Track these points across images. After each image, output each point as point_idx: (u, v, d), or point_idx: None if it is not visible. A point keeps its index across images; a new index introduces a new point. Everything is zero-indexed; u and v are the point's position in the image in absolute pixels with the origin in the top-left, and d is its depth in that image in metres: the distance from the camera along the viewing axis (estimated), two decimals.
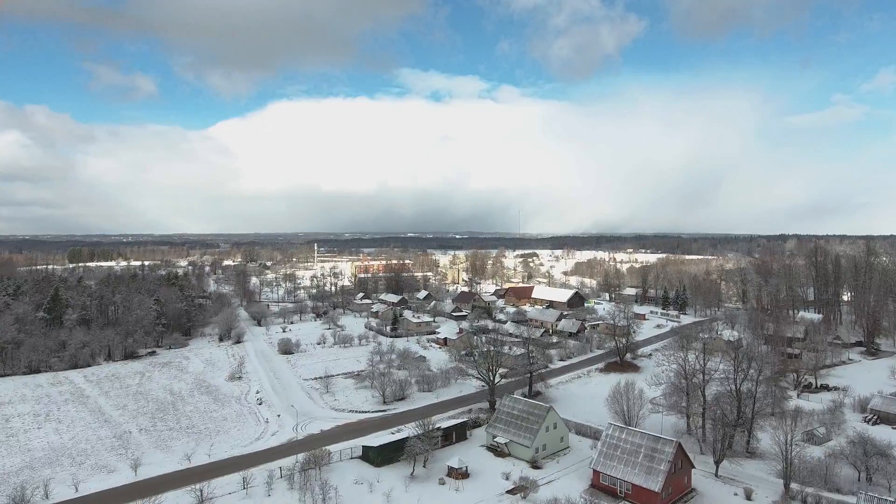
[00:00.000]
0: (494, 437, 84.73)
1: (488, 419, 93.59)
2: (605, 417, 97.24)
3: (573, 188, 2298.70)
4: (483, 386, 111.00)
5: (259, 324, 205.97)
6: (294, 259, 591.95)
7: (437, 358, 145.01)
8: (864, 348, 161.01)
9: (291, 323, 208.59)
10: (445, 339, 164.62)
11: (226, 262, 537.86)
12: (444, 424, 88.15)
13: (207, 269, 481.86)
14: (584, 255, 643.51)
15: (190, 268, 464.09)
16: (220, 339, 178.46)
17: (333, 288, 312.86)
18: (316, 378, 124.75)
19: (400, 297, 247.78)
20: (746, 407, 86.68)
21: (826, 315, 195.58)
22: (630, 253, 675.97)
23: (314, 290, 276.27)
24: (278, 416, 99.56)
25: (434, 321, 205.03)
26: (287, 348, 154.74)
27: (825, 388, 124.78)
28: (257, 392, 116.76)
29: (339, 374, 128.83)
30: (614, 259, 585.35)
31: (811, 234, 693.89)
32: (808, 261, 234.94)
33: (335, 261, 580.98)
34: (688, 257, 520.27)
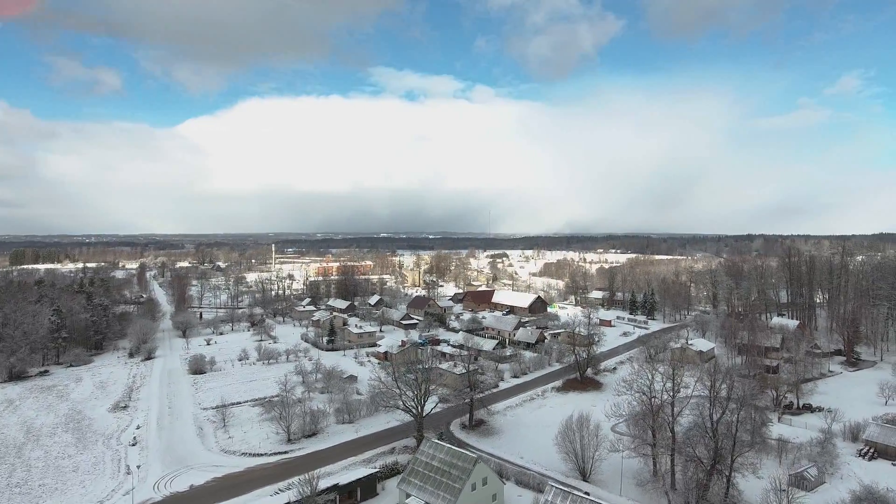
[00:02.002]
0: (409, 495, 65.74)
1: (410, 464, 74.73)
2: (555, 459, 79.45)
3: (547, 189, 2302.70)
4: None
5: (184, 335, 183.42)
6: (253, 261, 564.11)
7: (374, 377, 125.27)
8: (845, 358, 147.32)
9: (221, 334, 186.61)
10: (386, 352, 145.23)
11: (179, 264, 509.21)
12: (346, 478, 68.77)
13: (154, 272, 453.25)
14: (555, 256, 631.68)
15: (136, 270, 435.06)
16: (131, 355, 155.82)
17: (283, 292, 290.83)
18: (218, 406, 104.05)
19: (348, 304, 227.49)
20: (724, 447, 69.81)
21: (802, 321, 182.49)
22: (600, 253, 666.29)
23: (258, 295, 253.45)
24: (138, 466, 78.49)
25: (380, 330, 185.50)
26: (199, 367, 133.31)
27: (808, 408, 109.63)
28: (137, 427, 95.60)
29: (246, 402, 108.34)
30: (584, 259, 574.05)
31: (777, 233, 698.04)
32: (781, 262, 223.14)
33: (297, 262, 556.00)
34: (657, 257, 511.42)
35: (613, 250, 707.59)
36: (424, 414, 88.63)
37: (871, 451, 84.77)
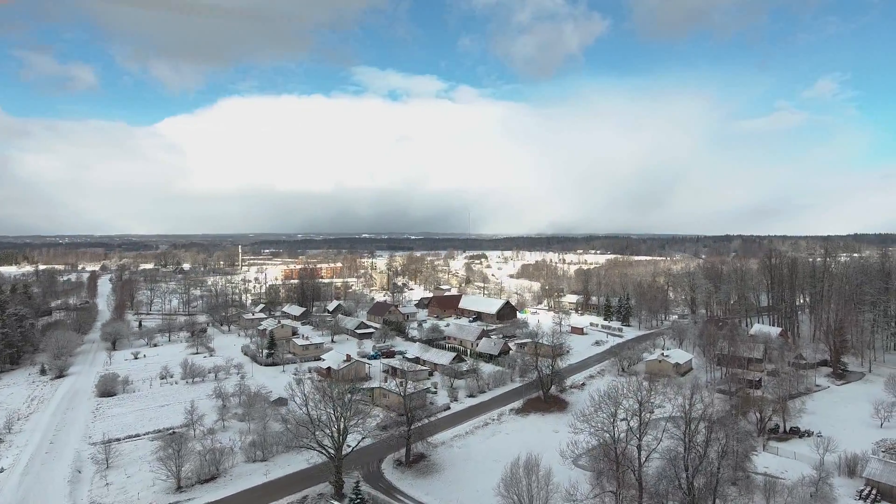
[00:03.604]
0: None
1: None
2: None
3: (530, 189, 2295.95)
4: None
5: (114, 347, 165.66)
6: (221, 263, 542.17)
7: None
8: (831, 369, 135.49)
9: (155, 346, 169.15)
10: (329, 368, 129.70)
11: (143, 266, 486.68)
12: None
13: (111, 275, 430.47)
14: (534, 257, 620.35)
15: (89, 273, 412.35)
16: (42, 372, 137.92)
17: (240, 297, 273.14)
18: (112, 440, 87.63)
19: (303, 310, 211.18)
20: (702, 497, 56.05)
21: (784, 327, 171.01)
22: (580, 254, 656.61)
23: (204, 302, 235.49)
24: None
25: (332, 341, 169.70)
26: (109, 388, 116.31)
27: (796, 432, 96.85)
28: (0, 471, 78.81)
29: (147, 434, 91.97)
30: (563, 260, 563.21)
31: (755, 234, 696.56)
32: (762, 264, 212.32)
33: (269, 264, 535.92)
34: (636, 258, 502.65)
35: (593, 251, 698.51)
36: (347, 452, 73.39)
37: (873, 492, 71.76)
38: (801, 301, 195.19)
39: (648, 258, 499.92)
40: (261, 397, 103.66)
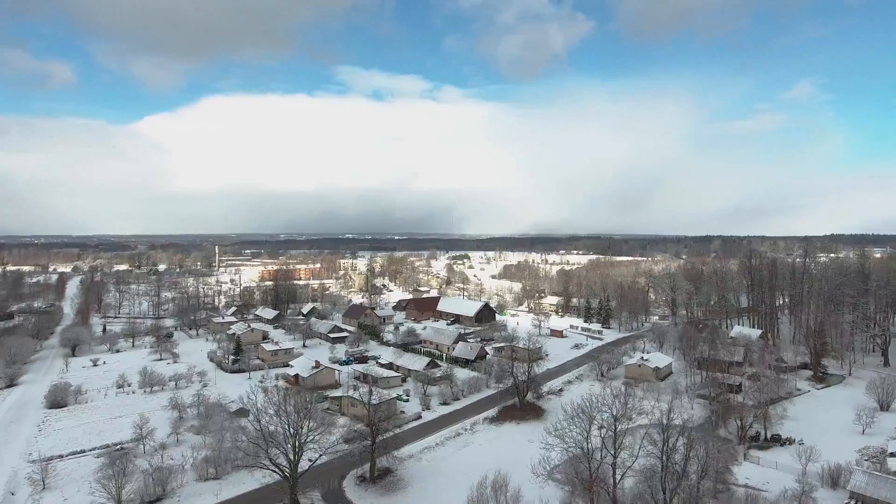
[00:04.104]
0: None
1: None
2: None
3: (515, 189, 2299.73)
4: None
5: (73, 353, 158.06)
6: (198, 264, 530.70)
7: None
8: (812, 372, 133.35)
9: (117, 351, 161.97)
10: (296, 375, 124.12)
11: (117, 267, 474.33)
12: None
13: (82, 277, 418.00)
14: (517, 257, 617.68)
15: (57, 275, 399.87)
16: None
17: (212, 300, 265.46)
18: (53, 458, 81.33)
19: (276, 313, 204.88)
20: None
21: (764, 329, 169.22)
22: (562, 254, 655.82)
23: (175, 305, 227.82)
24: None
25: (304, 345, 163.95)
26: (60, 398, 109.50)
27: (777, 439, 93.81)
28: None
29: (93, 450, 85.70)
30: (546, 261, 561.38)
31: (735, 234, 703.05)
32: (742, 265, 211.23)
33: (248, 265, 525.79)
34: (618, 259, 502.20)
35: (576, 251, 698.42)
36: (304, 470, 68.22)
37: None
38: (781, 302, 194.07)
39: (630, 258, 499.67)
40: (220, 408, 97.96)
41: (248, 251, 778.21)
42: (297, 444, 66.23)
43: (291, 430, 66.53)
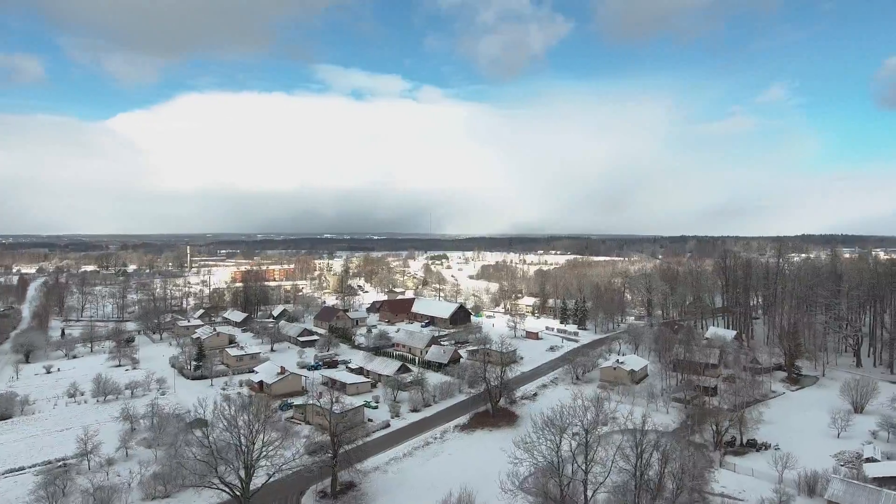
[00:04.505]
0: None
1: None
2: None
3: (494, 190, 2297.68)
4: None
5: (27, 359, 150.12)
6: (169, 265, 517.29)
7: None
8: (786, 374, 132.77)
9: (74, 357, 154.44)
10: (261, 382, 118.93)
11: (85, 268, 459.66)
12: None
13: (45, 278, 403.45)
14: (495, 258, 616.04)
15: (21, 277, 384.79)
16: None
17: (182, 302, 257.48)
18: None
19: (245, 316, 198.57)
20: None
21: (739, 330, 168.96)
22: (540, 255, 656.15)
23: (140, 307, 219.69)
24: None
25: (272, 350, 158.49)
26: (4, 409, 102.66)
27: (752, 444, 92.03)
28: None
29: (33, 466, 79.79)
30: (524, 261, 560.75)
31: (709, 235, 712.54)
32: (717, 266, 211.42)
33: (221, 265, 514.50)
34: (595, 259, 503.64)
35: (554, 251, 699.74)
36: (257, 488, 63.60)
37: None
38: (755, 302, 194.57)
39: (607, 259, 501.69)
40: (176, 418, 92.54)
41: (223, 251, 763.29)
42: (248, 461, 61.53)
43: (243, 445, 61.81)
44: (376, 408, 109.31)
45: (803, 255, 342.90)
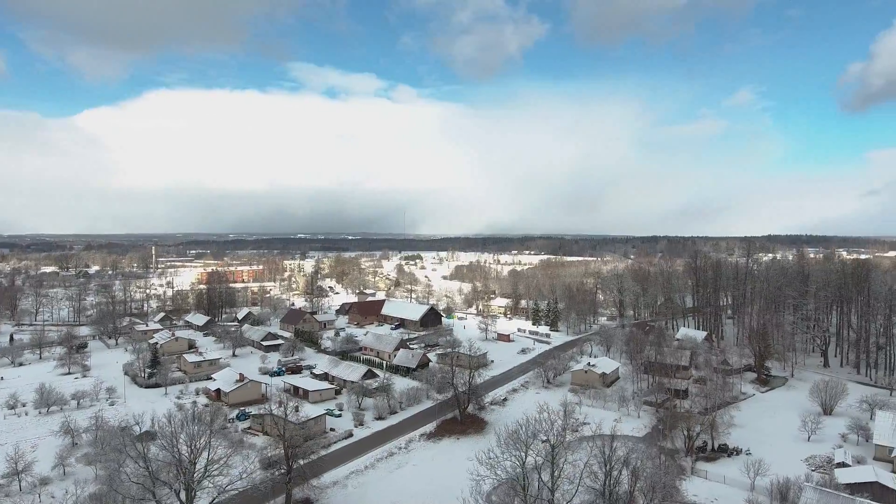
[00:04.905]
0: None
1: None
2: None
3: (469, 190, 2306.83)
4: None
5: None
6: (134, 266, 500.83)
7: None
8: (756, 374, 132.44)
9: (20, 365, 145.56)
10: (218, 390, 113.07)
11: (44, 269, 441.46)
12: None
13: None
14: (469, 258, 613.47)
15: None
16: None
17: (144, 305, 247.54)
18: None
19: (207, 319, 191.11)
20: None
21: (709, 331, 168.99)
22: (514, 255, 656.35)
23: (97, 311, 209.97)
24: None
25: (234, 354, 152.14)
26: None
27: (724, 449, 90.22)
28: None
29: None
30: (497, 261, 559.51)
31: (680, 235, 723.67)
32: (687, 266, 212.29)
33: (189, 266, 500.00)
34: (568, 259, 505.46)
35: (528, 252, 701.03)
36: None
37: None
38: (725, 302, 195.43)
39: (580, 259, 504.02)
40: (124, 431, 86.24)
41: (192, 252, 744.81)
42: (189, 482, 56.51)
43: (184, 464, 56.76)
44: (340, 416, 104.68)
45: (770, 255, 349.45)
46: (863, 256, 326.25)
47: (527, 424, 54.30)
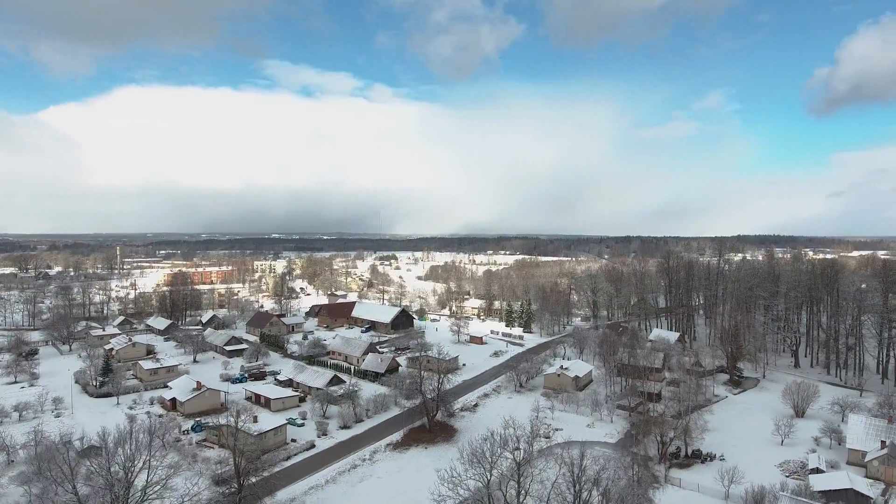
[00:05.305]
0: None
1: None
2: None
3: (446, 190, 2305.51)
4: None
5: None
6: (98, 266, 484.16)
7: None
8: (728, 376, 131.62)
9: None
10: (174, 399, 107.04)
11: (2, 271, 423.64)
12: None
13: None
14: (445, 258, 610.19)
15: None
16: None
17: (104, 308, 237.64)
18: None
19: (169, 323, 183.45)
20: None
21: (682, 331, 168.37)
22: (490, 255, 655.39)
23: (53, 314, 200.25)
24: None
25: (195, 360, 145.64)
26: None
27: (698, 455, 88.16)
28: None
29: None
30: (473, 261, 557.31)
31: (653, 235, 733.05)
32: (660, 266, 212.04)
33: (156, 267, 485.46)
34: (544, 259, 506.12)
35: (503, 251, 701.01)
36: None
37: None
38: (697, 302, 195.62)
39: (555, 259, 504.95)
40: (67, 447, 79.98)
41: (162, 252, 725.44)
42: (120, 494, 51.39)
43: (116, 489, 51.62)
44: (302, 425, 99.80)
45: (740, 255, 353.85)
46: (828, 256, 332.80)
47: (492, 440, 50.64)
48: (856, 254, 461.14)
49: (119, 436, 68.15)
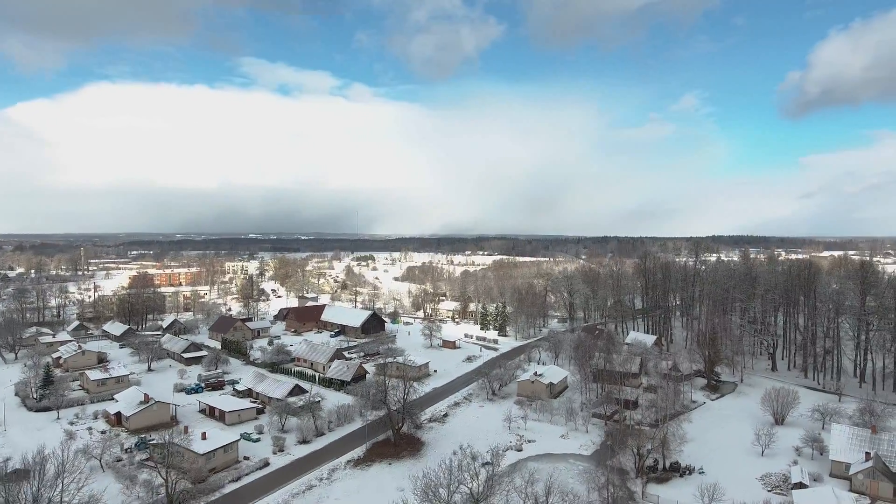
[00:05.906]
0: None
1: None
2: None
3: (425, 190, 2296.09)
4: None
5: None
6: (62, 267, 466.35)
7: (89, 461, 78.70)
8: (706, 381, 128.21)
9: None
10: (119, 413, 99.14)
11: None
12: None
13: None
14: (422, 258, 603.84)
15: None
16: None
17: (60, 312, 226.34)
18: None
19: (125, 329, 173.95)
20: None
21: (658, 335, 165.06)
22: (468, 255, 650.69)
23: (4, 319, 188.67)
24: None
25: (150, 369, 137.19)
26: None
27: (676, 468, 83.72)
28: None
29: None
30: (451, 262, 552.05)
31: (629, 235, 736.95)
32: (637, 267, 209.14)
33: (124, 269, 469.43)
34: (521, 259, 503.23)
35: (482, 252, 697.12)
36: None
37: None
38: (674, 303, 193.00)
39: (533, 259, 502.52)
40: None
41: (133, 252, 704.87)
42: None
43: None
44: (258, 440, 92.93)
45: (715, 255, 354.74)
46: (801, 256, 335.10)
47: (451, 470, 44.95)
48: (826, 254, 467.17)
49: (42, 458, 61.17)
